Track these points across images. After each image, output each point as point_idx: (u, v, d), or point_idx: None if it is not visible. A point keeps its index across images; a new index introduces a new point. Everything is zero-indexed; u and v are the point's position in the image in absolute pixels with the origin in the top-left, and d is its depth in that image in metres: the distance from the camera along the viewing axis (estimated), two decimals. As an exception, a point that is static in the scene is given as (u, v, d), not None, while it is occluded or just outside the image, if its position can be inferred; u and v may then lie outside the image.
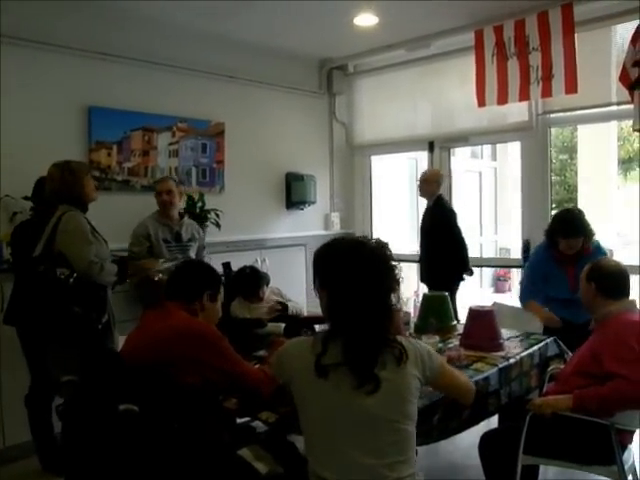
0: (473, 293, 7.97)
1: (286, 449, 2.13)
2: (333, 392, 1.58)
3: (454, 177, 6.51)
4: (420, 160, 6.91)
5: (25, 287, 2.97)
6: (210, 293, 2.26)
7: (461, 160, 8.52)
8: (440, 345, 2.77)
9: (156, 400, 1.69)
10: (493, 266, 8.34)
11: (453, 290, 4.42)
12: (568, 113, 4.57)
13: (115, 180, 4.19)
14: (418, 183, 4.78)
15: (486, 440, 2.59)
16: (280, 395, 1.97)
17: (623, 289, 2.50)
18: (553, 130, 4.93)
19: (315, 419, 1.63)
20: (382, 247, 1.70)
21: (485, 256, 8.44)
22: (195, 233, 4.04)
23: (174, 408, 1.72)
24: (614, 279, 2.50)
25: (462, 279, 4.59)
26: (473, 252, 8.81)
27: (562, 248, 3.40)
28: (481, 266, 8.04)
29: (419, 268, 5.06)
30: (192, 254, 3.91)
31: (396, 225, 7.11)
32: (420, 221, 4.89)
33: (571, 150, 10.10)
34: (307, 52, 5.22)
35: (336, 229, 5.65)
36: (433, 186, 4.65)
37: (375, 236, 1.84)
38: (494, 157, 9.63)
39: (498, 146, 9.15)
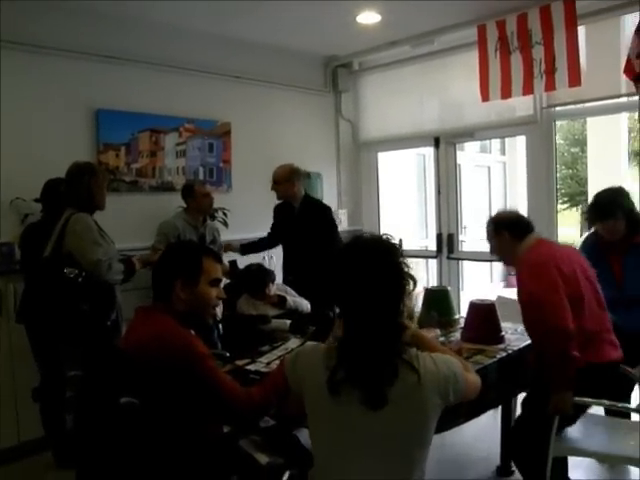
0: (483, 288, 7.98)
1: (288, 441, 2.17)
2: (343, 410, 1.51)
3: (463, 172, 6.52)
4: (428, 156, 6.93)
5: (35, 287, 3.05)
6: (184, 280, 1.90)
7: (470, 155, 8.53)
8: (442, 338, 2.81)
9: (156, 393, 1.74)
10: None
11: None
12: (574, 106, 4.56)
13: (124, 181, 4.26)
14: (271, 184, 4.26)
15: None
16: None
17: (530, 225, 2.67)
18: (564, 123, 4.90)
19: (323, 435, 1.58)
20: (390, 249, 1.58)
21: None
22: (215, 234, 4.19)
23: (174, 401, 1.77)
24: (522, 220, 2.69)
25: None
26: (483, 246, 8.85)
27: (602, 233, 3.07)
28: (491, 261, 8.03)
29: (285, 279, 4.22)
30: None
31: (404, 221, 7.13)
32: (274, 224, 4.45)
33: (582, 143, 10.04)
34: (312, 50, 5.26)
35: (343, 226, 5.67)
36: (286, 187, 4.17)
37: (384, 233, 1.71)
38: (503, 151, 9.62)
39: (507, 140, 9.13)
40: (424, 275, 6.69)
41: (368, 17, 4.40)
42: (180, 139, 4.56)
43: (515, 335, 2.96)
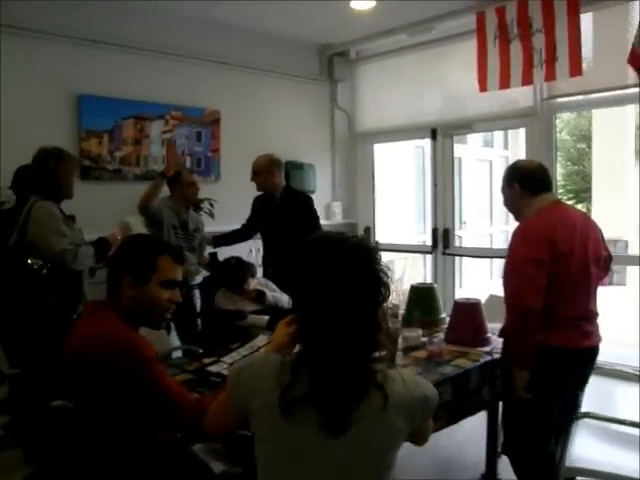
0: (482, 285, 7.83)
1: (247, 445, 2.03)
2: (297, 433, 1.30)
3: (464, 166, 6.36)
4: (427, 148, 6.77)
5: None
6: (132, 276, 1.74)
7: (472, 148, 8.36)
8: (424, 339, 2.66)
9: (97, 396, 1.61)
10: (504, 257, 8.14)
11: None
12: (577, 97, 4.39)
13: (106, 169, 4.14)
14: (251, 175, 4.06)
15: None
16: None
17: (546, 182, 2.44)
18: (571, 119, 4.75)
19: (272, 460, 1.35)
20: (366, 247, 1.36)
21: (495, 247, 8.28)
22: (199, 224, 4.06)
23: (115, 405, 1.63)
24: (538, 174, 2.45)
25: None
26: (483, 242, 8.71)
27: None
28: (492, 257, 7.90)
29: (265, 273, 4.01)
30: (196, 245, 3.94)
31: (402, 215, 6.99)
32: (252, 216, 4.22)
33: (588, 139, 9.86)
34: (305, 37, 5.10)
35: (337, 219, 5.55)
36: (266, 177, 4.01)
37: (362, 231, 1.48)
38: (506, 145, 9.45)
39: (510, 134, 8.97)
40: (421, 271, 6.55)
41: (361, 3, 4.24)
42: (166, 127, 4.43)
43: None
